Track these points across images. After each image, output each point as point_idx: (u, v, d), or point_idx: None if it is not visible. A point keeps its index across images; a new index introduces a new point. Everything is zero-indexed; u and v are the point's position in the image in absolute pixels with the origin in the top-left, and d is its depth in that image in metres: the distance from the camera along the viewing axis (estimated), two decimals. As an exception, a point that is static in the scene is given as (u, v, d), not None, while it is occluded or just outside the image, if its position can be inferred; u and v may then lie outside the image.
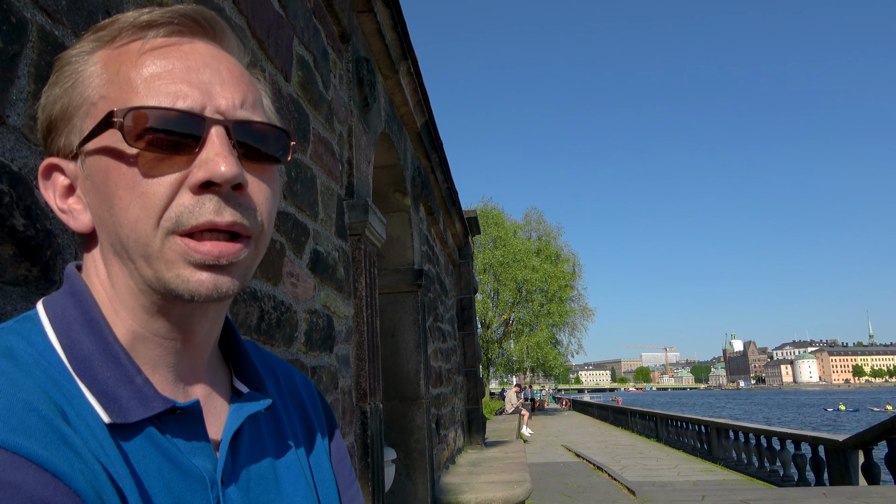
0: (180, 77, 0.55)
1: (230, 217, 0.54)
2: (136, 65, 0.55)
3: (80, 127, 0.56)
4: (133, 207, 0.53)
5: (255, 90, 0.61)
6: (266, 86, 0.67)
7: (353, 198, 3.54)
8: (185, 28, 0.58)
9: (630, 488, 9.48)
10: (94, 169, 0.56)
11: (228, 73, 0.58)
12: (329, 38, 3.39)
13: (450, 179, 8.25)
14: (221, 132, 0.54)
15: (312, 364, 2.77)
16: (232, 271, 0.55)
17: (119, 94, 0.54)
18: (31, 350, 0.51)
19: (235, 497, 0.57)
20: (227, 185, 0.53)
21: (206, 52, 0.58)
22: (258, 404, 0.63)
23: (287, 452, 0.67)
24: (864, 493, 7.77)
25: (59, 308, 0.56)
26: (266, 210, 0.59)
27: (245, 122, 0.57)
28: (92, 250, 0.60)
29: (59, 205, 0.59)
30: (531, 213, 38.48)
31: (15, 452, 0.41)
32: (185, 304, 0.56)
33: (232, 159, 0.53)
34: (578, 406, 42.39)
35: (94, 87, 0.56)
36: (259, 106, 0.61)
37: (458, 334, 10.86)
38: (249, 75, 0.62)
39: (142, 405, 0.53)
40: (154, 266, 0.54)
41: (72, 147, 0.57)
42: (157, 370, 0.58)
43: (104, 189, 0.55)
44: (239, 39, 0.64)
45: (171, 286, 0.53)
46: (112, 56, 0.57)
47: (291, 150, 0.62)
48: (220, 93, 0.56)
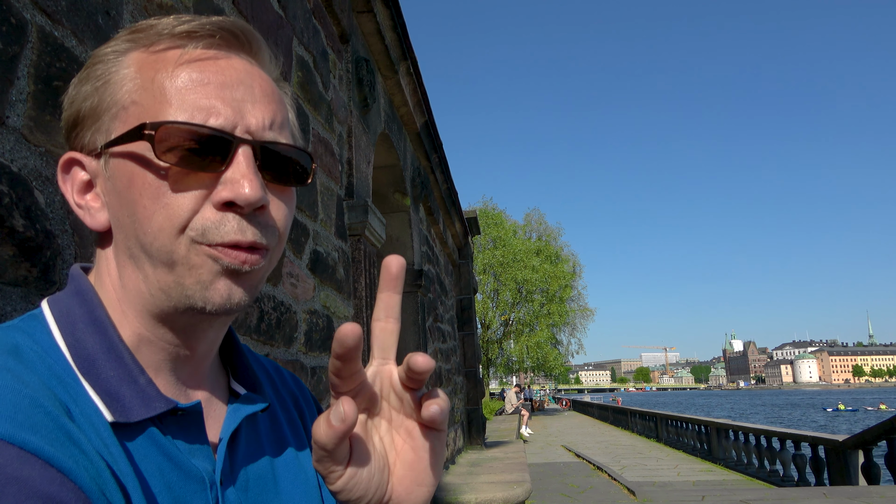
0: (214, 93, 0.55)
1: (252, 237, 0.55)
2: (173, 75, 0.55)
3: (107, 128, 0.56)
4: (157, 217, 0.54)
5: (283, 108, 0.62)
6: (291, 100, 0.67)
7: (352, 198, 3.54)
8: (224, 42, 0.58)
9: (630, 488, 9.48)
10: (117, 172, 0.56)
11: (261, 91, 0.58)
12: (329, 39, 3.39)
13: (449, 180, 8.25)
14: (249, 153, 0.55)
15: (312, 364, 2.77)
16: (247, 281, 0.56)
17: (151, 103, 0.55)
18: (36, 348, 0.52)
19: (234, 498, 0.58)
20: (250, 208, 0.54)
21: (242, 69, 0.58)
22: (255, 405, 0.64)
23: (285, 452, 0.68)
24: (864, 493, 7.77)
25: (63, 307, 0.56)
26: (283, 227, 0.60)
27: (272, 143, 0.57)
28: (106, 248, 0.60)
29: (76, 200, 0.59)
30: (531, 213, 38.53)
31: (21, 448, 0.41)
32: (194, 314, 0.56)
33: (256, 182, 0.54)
34: (578, 406, 42.41)
35: (126, 91, 0.56)
36: (286, 126, 0.61)
37: (458, 335, 10.85)
38: (279, 92, 0.62)
39: (144, 405, 0.53)
40: (177, 271, 0.54)
41: (96, 146, 0.57)
42: (160, 372, 0.58)
43: (127, 195, 0.55)
44: (272, 53, 0.64)
45: (189, 292, 0.54)
46: (148, 61, 0.57)
47: (313, 172, 0.63)
48: (251, 111, 0.57)
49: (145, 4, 1.61)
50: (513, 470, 6.99)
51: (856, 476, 9.40)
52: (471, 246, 11.67)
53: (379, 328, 0.54)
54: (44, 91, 1.18)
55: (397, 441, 0.54)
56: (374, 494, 0.52)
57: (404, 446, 0.54)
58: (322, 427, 0.48)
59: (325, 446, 0.48)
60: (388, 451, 0.54)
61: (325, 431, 0.47)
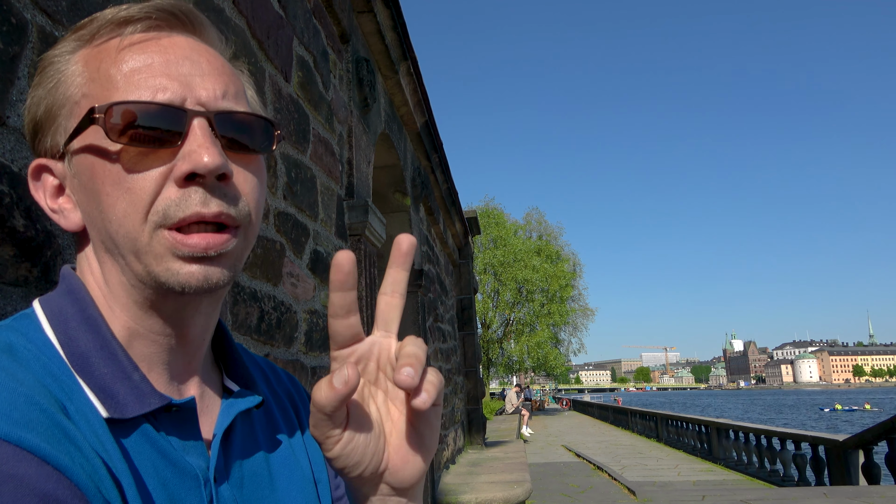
0: (159, 71, 0.55)
1: (216, 208, 0.54)
2: (116, 61, 0.55)
3: (64, 126, 0.56)
4: (120, 203, 0.53)
5: (236, 81, 0.61)
6: (249, 78, 0.67)
7: (352, 198, 3.54)
8: (163, 22, 0.58)
9: (630, 488, 9.48)
10: (80, 167, 0.56)
11: (209, 65, 0.58)
12: (329, 39, 3.39)
13: (450, 179, 8.25)
14: (203, 123, 0.54)
15: (313, 364, 2.78)
16: (222, 262, 0.55)
17: (100, 92, 0.55)
18: (30, 346, 0.52)
19: (228, 495, 0.57)
20: (212, 176, 0.53)
21: (186, 45, 0.58)
22: (248, 401, 0.64)
23: (280, 448, 0.68)
24: (864, 492, 7.77)
25: (55, 306, 0.56)
26: (253, 199, 0.59)
27: (227, 112, 0.57)
28: (84, 249, 0.60)
29: (49, 205, 0.59)
30: (532, 212, 38.50)
31: (18, 445, 0.41)
32: (178, 298, 0.56)
33: (215, 150, 0.53)
34: (579, 406, 42.38)
35: (76, 86, 0.56)
36: (242, 97, 0.61)
37: (459, 334, 10.86)
38: (231, 67, 0.62)
39: (139, 401, 0.53)
40: (144, 260, 0.54)
41: (58, 147, 0.57)
42: (153, 368, 0.58)
43: (91, 186, 0.55)
44: (219, 32, 0.63)
45: (162, 279, 0.54)
46: (92, 54, 0.57)
47: (277, 139, 0.62)
48: (200, 84, 0.56)
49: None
50: (513, 470, 6.99)
51: (856, 476, 9.39)
52: (471, 246, 11.67)
53: (384, 302, 0.55)
54: (44, 91, 1.18)
55: (393, 412, 0.55)
56: (370, 461, 0.52)
57: (400, 418, 0.54)
58: (323, 389, 0.49)
59: (324, 408, 0.49)
60: (385, 421, 0.55)
61: (327, 393, 0.48)
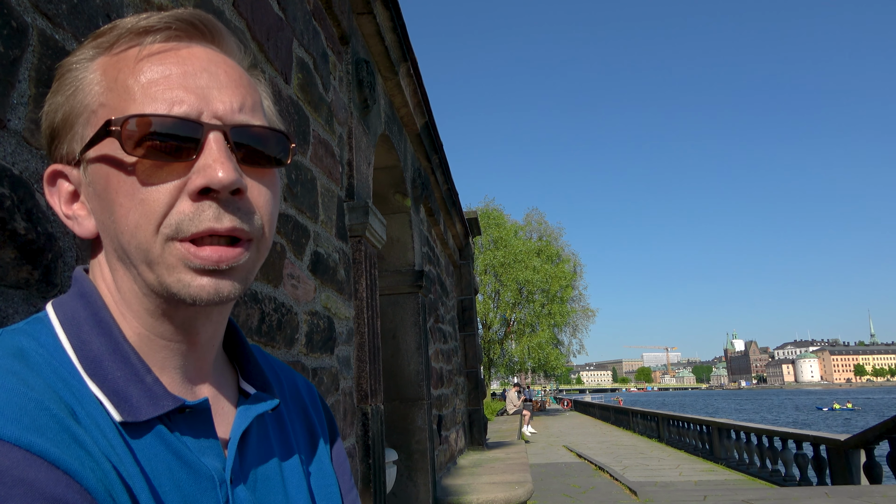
0: (177, 83, 0.55)
1: (229, 223, 0.54)
2: (134, 71, 0.55)
3: (81, 134, 0.57)
4: (133, 214, 0.53)
5: (254, 93, 0.61)
6: (267, 87, 0.67)
7: (353, 199, 3.54)
8: (183, 32, 0.58)
9: (632, 488, 9.47)
10: (95, 176, 0.56)
11: (226, 77, 0.58)
12: (329, 41, 3.40)
13: (450, 180, 8.25)
14: (219, 137, 0.54)
15: (313, 366, 2.78)
16: (233, 275, 0.55)
17: (117, 102, 0.55)
18: (41, 350, 0.52)
19: (244, 496, 0.58)
20: (226, 192, 0.54)
21: (204, 56, 0.58)
22: (265, 405, 0.64)
23: (292, 454, 0.68)
24: (866, 492, 7.76)
25: (68, 310, 0.57)
26: (266, 213, 0.59)
27: (243, 126, 0.57)
28: (97, 255, 0.60)
29: (64, 211, 0.59)
30: (532, 213, 38.51)
31: (27, 450, 0.42)
32: (189, 308, 0.56)
33: (230, 165, 0.53)
34: (580, 406, 42.35)
35: (93, 95, 0.56)
36: (259, 109, 0.60)
37: (459, 335, 10.85)
38: (249, 78, 0.62)
39: (152, 403, 0.53)
40: (156, 271, 0.54)
41: (74, 154, 0.57)
42: (164, 371, 0.58)
43: (105, 196, 0.55)
44: (238, 41, 0.63)
45: (173, 290, 0.54)
46: (111, 63, 0.57)
47: (291, 152, 0.62)
48: (217, 97, 0.56)
49: (145, 7, 1.61)
50: (514, 470, 6.99)
51: (858, 475, 9.38)
52: (471, 246, 11.67)
53: None
54: (45, 94, 1.18)
55: None
56: None
57: None
58: None
59: None
60: None
61: None
